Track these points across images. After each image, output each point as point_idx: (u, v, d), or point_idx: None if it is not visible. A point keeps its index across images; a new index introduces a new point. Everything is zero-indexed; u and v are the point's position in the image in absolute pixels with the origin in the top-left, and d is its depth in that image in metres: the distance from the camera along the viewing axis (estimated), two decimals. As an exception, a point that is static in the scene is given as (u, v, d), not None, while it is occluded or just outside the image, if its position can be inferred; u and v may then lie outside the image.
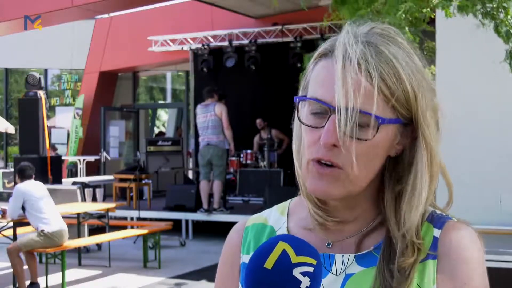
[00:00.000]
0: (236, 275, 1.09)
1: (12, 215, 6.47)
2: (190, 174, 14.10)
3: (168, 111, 18.45)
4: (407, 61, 0.96)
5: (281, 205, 1.13)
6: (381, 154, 0.97)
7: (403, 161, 0.99)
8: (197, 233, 10.20)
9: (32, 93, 9.79)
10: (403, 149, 0.99)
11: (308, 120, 0.97)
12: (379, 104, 0.93)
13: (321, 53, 0.99)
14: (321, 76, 0.96)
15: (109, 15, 14.82)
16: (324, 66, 0.97)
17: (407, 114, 0.96)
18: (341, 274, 0.99)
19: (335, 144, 0.93)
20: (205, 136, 9.35)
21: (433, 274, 0.96)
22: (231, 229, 1.15)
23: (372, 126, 0.93)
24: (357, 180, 0.95)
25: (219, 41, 12.79)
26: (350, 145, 0.92)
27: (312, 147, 0.96)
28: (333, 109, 0.93)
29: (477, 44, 5.11)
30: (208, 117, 9.30)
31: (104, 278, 7.45)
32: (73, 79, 16.09)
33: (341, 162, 0.94)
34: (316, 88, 0.96)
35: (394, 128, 0.96)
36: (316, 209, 1.02)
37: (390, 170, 1.00)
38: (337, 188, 0.95)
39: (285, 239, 0.86)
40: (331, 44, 0.98)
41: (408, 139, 0.99)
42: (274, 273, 0.83)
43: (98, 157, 14.49)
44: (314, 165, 0.95)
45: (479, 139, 6.41)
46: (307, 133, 0.97)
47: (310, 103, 0.97)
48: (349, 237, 1.02)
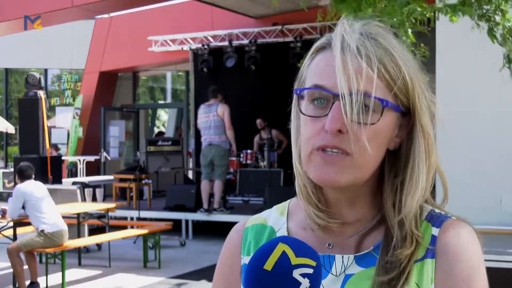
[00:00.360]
0: (236, 275, 1.09)
1: (12, 215, 6.47)
2: (190, 174, 14.10)
3: (168, 111, 18.45)
4: (403, 52, 0.98)
5: (280, 206, 1.13)
6: (383, 143, 0.97)
7: (401, 154, 1.00)
8: (197, 233, 10.20)
9: (32, 93, 9.79)
10: (401, 142, 1.00)
11: (309, 111, 0.97)
12: (381, 89, 0.94)
13: (318, 47, 1.00)
14: (320, 67, 0.97)
15: (109, 15, 14.81)
16: (322, 58, 0.98)
17: (406, 102, 0.97)
18: (341, 275, 0.99)
19: (340, 130, 0.92)
20: (207, 136, 9.36)
21: (431, 272, 0.96)
22: (231, 229, 1.15)
23: (376, 110, 0.93)
24: (363, 167, 0.95)
25: (219, 41, 12.79)
26: (358, 130, 0.93)
27: (315, 137, 0.95)
28: (336, 96, 0.93)
29: (477, 45, 5.11)
30: (211, 117, 9.31)
31: (104, 278, 7.45)
32: (73, 79, 16.10)
33: (348, 147, 0.93)
34: (315, 79, 0.96)
35: (394, 117, 0.97)
36: (317, 212, 1.02)
37: (389, 165, 1.00)
38: (344, 175, 0.95)
39: (284, 241, 0.86)
40: (328, 38, 0.99)
41: (405, 131, 0.99)
42: (274, 275, 0.83)
43: (98, 157, 14.49)
44: (319, 154, 0.95)
45: (479, 139, 6.41)
46: (308, 125, 0.97)
47: (310, 94, 0.96)
48: (349, 237, 1.02)
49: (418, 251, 0.96)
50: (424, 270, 0.96)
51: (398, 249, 0.95)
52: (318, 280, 0.85)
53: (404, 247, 0.95)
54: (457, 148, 6.29)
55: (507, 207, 6.10)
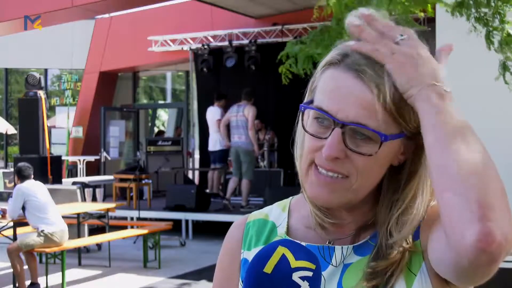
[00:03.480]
0: (235, 270, 1.09)
1: (12, 215, 6.47)
2: (190, 174, 14.10)
3: (168, 111, 18.44)
4: None
5: (282, 202, 1.14)
6: (384, 164, 0.97)
7: (404, 170, 0.99)
8: (197, 233, 10.20)
9: (32, 93, 9.79)
10: (406, 160, 0.99)
11: (312, 126, 0.97)
12: (384, 119, 0.93)
13: (330, 62, 0.98)
14: (329, 87, 0.96)
15: (109, 15, 14.81)
16: (332, 76, 0.96)
17: (413, 128, 0.95)
18: (340, 265, 1.00)
19: (337, 157, 0.93)
20: (235, 135, 9.88)
21: (420, 251, 0.97)
22: (232, 224, 1.16)
23: (376, 141, 0.93)
24: (359, 189, 0.96)
25: (219, 41, 12.78)
26: (356, 158, 0.93)
27: (314, 153, 0.96)
28: (337, 122, 0.93)
29: (477, 45, 5.10)
30: (238, 117, 9.83)
31: (104, 278, 7.45)
32: (73, 79, 16.06)
33: (346, 171, 0.94)
34: (322, 98, 0.96)
35: (398, 141, 0.96)
36: (316, 210, 1.03)
37: (389, 179, 1.00)
38: (338, 198, 0.96)
39: (284, 244, 0.87)
40: (340, 53, 0.97)
41: (412, 149, 0.99)
42: (274, 278, 0.84)
43: (98, 157, 14.49)
44: (314, 172, 0.96)
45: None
46: (310, 139, 0.97)
47: (316, 111, 0.97)
48: (348, 236, 1.02)
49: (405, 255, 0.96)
50: (413, 253, 0.97)
51: (387, 255, 0.95)
52: (317, 283, 0.86)
53: (392, 253, 0.95)
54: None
55: (507, 207, 6.10)
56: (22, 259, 6.54)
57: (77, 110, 15.58)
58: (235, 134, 9.88)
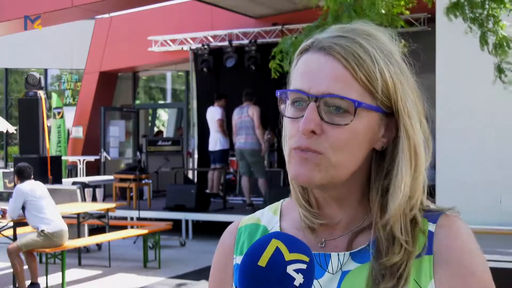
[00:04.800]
0: (228, 276, 1.10)
1: (12, 215, 6.47)
2: (190, 174, 14.10)
3: (168, 111, 18.44)
4: (385, 53, 0.98)
5: (273, 206, 1.14)
6: (363, 143, 0.97)
7: (388, 155, 1.00)
8: (197, 233, 10.20)
9: (32, 93, 9.79)
10: (388, 142, 1.00)
11: (290, 112, 0.99)
12: (357, 90, 0.95)
13: (302, 49, 1.02)
14: (301, 69, 0.99)
15: (109, 15, 14.81)
16: (303, 60, 1.00)
17: (387, 103, 0.97)
18: (338, 272, 0.99)
19: (313, 130, 0.94)
20: (240, 136, 9.96)
21: (430, 269, 0.96)
22: (225, 230, 1.16)
23: (349, 110, 0.94)
24: (339, 165, 0.96)
25: (219, 41, 12.79)
26: (332, 130, 0.94)
27: (294, 137, 0.97)
28: (310, 97, 0.95)
29: (477, 45, 5.10)
30: (243, 118, 9.91)
31: (104, 278, 7.45)
32: (73, 79, 16.08)
33: (321, 148, 0.95)
34: (296, 81, 0.99)
35: (376, 117, 0.97)
36: (305, 212, 1.03)
37: (376, 165, 1.01)
38: (318, 173, 0.96)
39: (278, 237, 0.87)
40: (310, 40, 1.01)
41: (393, 132, 0.99)
42: (268, 271, 0.84)
43: (98, 157, 14.49)
44: (296, 153, 0.97)
45: (479, 140, 6.41)
46: (288, 126, 0.99)
47: (291, 96, 0.99)
48: (339, 236, 1.02)
49: (411, 255, 0.96)
50: (422, 266, 0.96)
51: (385, 256, 0.95)
52: (311, 275, 0.86)
53: (392, 253, 0.95)
54: (457, 149, 6.29)
55: (507, 207, 6.11)
56: (22, 259, 6.54)
57: (77, 110, 15.57)
58: (239, 136, 9.95)
